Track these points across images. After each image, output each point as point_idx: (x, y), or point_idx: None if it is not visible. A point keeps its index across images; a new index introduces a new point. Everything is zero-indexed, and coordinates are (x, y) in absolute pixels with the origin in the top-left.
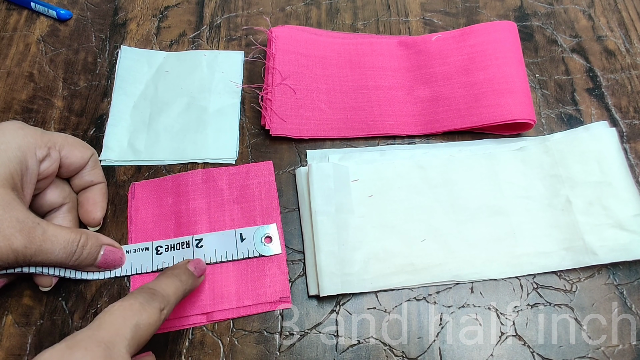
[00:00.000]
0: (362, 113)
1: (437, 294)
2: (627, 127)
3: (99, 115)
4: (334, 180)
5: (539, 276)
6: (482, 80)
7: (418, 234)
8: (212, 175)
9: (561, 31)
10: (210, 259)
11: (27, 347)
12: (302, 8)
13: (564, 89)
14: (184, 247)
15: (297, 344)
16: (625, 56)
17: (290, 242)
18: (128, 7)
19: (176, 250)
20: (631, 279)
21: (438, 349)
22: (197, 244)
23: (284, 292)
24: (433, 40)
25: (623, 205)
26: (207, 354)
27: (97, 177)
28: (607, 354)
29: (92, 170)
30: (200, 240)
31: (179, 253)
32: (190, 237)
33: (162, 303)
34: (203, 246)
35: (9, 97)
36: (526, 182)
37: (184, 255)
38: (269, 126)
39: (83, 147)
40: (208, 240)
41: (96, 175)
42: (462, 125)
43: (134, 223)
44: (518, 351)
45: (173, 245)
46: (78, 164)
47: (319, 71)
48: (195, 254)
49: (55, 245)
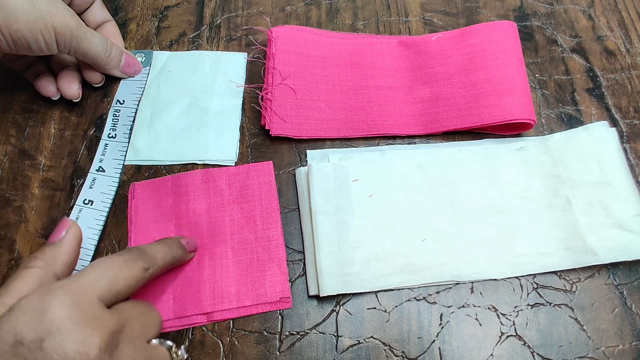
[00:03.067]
0: (362, 113)
1: (437, 294)
2: (627, 127)
3: (99, 115)
4: (334, 180)
5: (539, 276)
6: (482, 80)
7: (418, 234)
8: (212, 175)
9: (561, 31)
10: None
11: None
12: (302, 8)
13: (564, 89)
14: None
15: (297, 344)
16: (625, 56)
17: (290, 242)
18: (128, 7)
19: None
20: (631, 279)
21: (438, 349)
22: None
23: (284, 292)
24: (433, 40)
25: (623, 205)
26: (207, 354)
27: (107, 16)
28: (607, 354)
29: (101, 8)
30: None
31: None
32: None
33: (148, 263)
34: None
35: (9, 97)
36: (526, 182)
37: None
38: (269, 126)
39: None
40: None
41: (105, 13)
42: (462, 125)
43: (134, 223)
44: (518, 351)
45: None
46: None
47: (319, 71)
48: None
49: (95, 38)
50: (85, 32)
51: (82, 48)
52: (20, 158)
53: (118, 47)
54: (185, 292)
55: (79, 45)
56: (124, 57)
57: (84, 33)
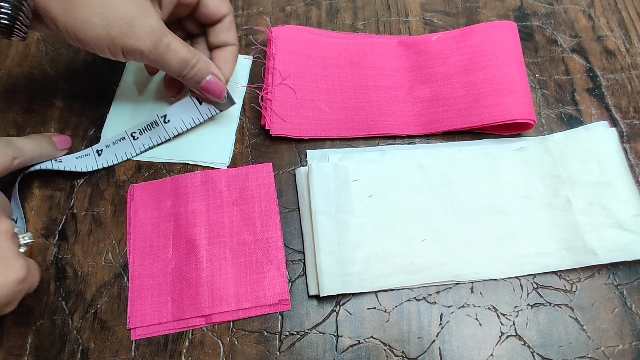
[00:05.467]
0: (362, 113)
1: (437, 294)
2: (627, 127)
3: (99, 115)
4: (334, 180)
5: (539, 276)
6: (482, 80)
7: (418, 234)
8: (211, 177)
9: (561, 31)
10: (182, 128)
11: (27, 347)
12: (302, 8)
13: (564, 89)
14: (154, 127)
15: (297, 344)
16: (625, 56)
17: (290, 242)
18: None
19: (149, 131)
20: (631, 279)
21: (438, 349)
22: (164, 120)
23: (283, 294)
24: (433, 40)
25: (623, 205)
26: (207, 354)
27: (231, 39)
28: (607, 354)
29: (227, 31)
30: (165, 116)
31: (153, 133)
32: (156, 115)
33: (16, 153)
34: (170, 121)
35: (9, 97)
36: (526, 182)
37: (158, 134)
38: (269, 126)
39: (223, 1)
40: (172, 113)
41: (230, 36)
42: (462, 125)
43: (133, 225)
44: (518, 351)
45: (144, 128)
46: (211, 12)
47: (319, 71)
48: (167, 130)
49: (173, 58)
50: (161, 53)
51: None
52: None
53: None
54: (183, 294)
55: (152, 63)
56: (209, 77)
57: (161, 54)
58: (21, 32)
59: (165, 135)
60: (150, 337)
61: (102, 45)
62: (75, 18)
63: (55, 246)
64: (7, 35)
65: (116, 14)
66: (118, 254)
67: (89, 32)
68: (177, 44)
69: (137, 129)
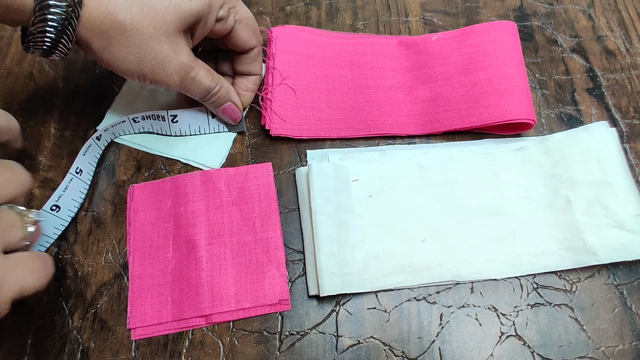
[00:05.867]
0: (362, 113)
1: (437, 294)
2: (627, 127)
3: (99, 115)
4: (334, 180)
5: (539, 276)
6: (482, 80)
7: (418, 234)
8: (211, 177)
9: (561, 31)
10: (186, 132)
11: (27, 347)
12: (302, 8)
13: (564, 89)
14: (159, 119)
15: (297, 344)
16: (625, 56)
17: (290, 242)
18: None
19: (152, 120)
20: (631, 279)
21: (438, 349)
22: (172, 119)
23: (283, 294)
24: (433, 40)
25: (623, 205)
26: (207, 354)
27: (256, 69)
28: (607, 354)
29: (253, 62)
30: (175, 116)
31: (156, 123)
32: (166, 112)
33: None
34: (178, 121)
35: (9, 97)
36: (526, 182)
37: (161, 126)
38: (269, 126)
39: (253, 33)
40: (182, 115)
41: (255, 67)
42: (462, 125)
43: (133, 225)
44: (518, 351)
45: (148, 116)
46: (239, 44)
47: (319, 71)
48: (171, 127)
49: (197, 88)
50: (187, 85)
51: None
52: (20, 158)
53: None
54: (183, 294)
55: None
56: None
57: (186, 86)
58: (62, 53)
59: (167, 131)
60: (150, 337)
61: (133, 77)
62: (112, 54)
63: (55, 246)
64: (47, 56)
65: (150, 55)
66: (118, 254)
67: (123, 66)
68: (202, 75)
69: (140, 115)
